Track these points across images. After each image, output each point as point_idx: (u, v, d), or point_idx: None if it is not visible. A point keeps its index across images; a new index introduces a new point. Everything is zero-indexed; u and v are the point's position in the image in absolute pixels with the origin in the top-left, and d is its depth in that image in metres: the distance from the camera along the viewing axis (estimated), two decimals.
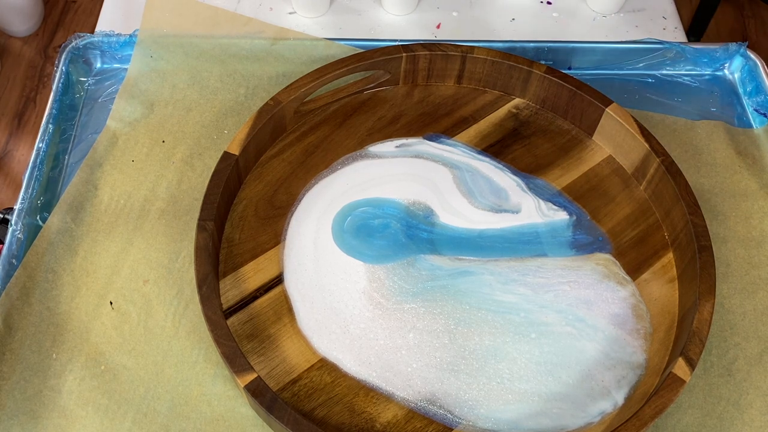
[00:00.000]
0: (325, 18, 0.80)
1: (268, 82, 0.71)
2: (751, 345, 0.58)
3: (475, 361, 0.55)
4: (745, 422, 0.55)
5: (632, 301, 0.58)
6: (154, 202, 0.63)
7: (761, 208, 0.65)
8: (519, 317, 0.57)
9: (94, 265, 0.60)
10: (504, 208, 0.63)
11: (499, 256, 0.60)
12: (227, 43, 0.73)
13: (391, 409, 0.54)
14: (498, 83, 0.69)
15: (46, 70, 1.61)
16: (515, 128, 0.68)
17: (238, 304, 0.58)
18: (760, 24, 1.73)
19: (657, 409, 0.50)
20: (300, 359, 0.55)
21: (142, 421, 0.53)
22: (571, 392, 0.54)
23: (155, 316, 0.58)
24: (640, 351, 0.56)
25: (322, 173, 0.65)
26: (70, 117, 0.70)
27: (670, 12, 0.82)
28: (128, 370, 0.55)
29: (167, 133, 0.67)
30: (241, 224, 0.62)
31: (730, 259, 0.62)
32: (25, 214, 0.62)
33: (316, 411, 0.53)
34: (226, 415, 0.54)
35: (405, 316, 0.57)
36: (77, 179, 0.64)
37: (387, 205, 0.63)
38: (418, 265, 0.59)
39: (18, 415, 0.53)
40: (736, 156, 0.68)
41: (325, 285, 0.58)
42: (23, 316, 0.57)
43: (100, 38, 0.72)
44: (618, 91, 0.73)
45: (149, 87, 0.70)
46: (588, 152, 0.67)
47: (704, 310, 0.54)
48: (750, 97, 0.74)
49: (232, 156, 0.61)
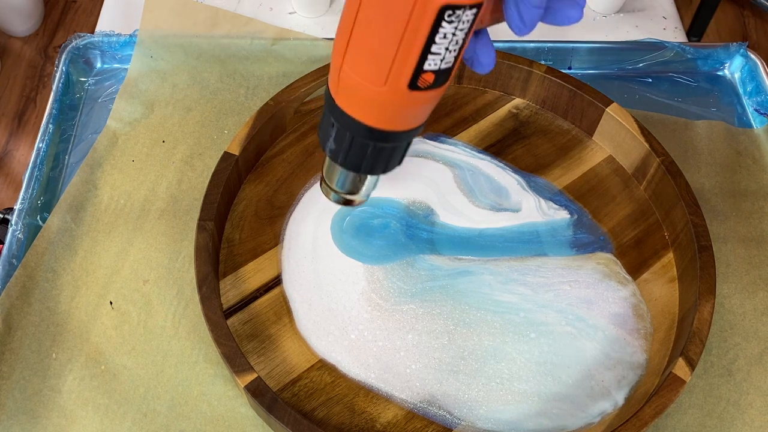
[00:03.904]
0: (325, 18, 0.80)
1: (268, 82, 0.71)
2: (751, 345, 0.58)
3: (475, 361, 0.55)
4: (746, 422, 0.55)
5: (633, 301, 0.58)
6: (154, 202, 0.63)
7: (761, 208, 0.65)
8: (519, 317, 0.57)
9: (94, 265, 0.60)
10: (504, 206, 0.63)
11: (499, 255, 0.60)
12: (227, 43, 0.73)
13: (392, 409, 0.53)
14: (498, 83, 0.69)
15: (46, 70, 1.62)
16: (515, 128, 0.68)
17: (238, 304, 0.58)
18: (760, 24, 1.73)
19: (657, 409, 0.50)
20: (300, 359, 0.55)
21: (142, 421, 0.53)
22: (571, 392, 0.54)
23: (155, 316, 0.58)
24: (640, 351, 0.56)
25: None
26: (70, 117, 0.70)
27: (670, 12, 0.82)
28: (128, 370, 0.55)
29: (167, 133, 0.67)
30: (241, 224, 0.62)
31: (731, 259, 0.62)
32: (25, 214, 0.62)
33: (316, 411, 0.53)
34: (226, 415, 0.54)
35: (404, 317, 0.57)
36: (77, 179, 0.64)
37: (386, 204, 0.63)
38: (418, 266, 0.59)
39: (18, 415, 0.53)
40: (736, 156, 0.68)
41: (324, 286, 0.58)
42: (23, 316, 0.57)
43: (100, 38, 0.72)
44: (618, 91, 0.73)
45: (149, 87, 0.70)
46: (588, 152, 0.67)
47: (704, 310, 0.54)
48: (750, 97, 0.74)
49: (232, 156, 0.60)
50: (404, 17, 0.35)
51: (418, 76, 0.37)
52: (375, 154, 0.42)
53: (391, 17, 0.35)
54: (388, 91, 0.38)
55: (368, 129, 0.41)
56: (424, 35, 0.35)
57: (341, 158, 0.43)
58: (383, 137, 0.41)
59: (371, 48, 0.37)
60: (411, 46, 0.36)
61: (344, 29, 0.38)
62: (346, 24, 0.37)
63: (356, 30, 0.37)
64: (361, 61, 0.38)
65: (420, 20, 0.35)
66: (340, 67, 0.39)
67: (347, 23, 0.37)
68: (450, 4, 0.34)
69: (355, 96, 0.39)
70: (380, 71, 0.37)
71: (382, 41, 0.36)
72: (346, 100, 0.40)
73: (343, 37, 0.38)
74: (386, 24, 0.36)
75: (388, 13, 0.35)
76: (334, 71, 0.40)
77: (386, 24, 0.36)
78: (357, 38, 0.37)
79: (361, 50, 0.37)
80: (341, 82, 0.39)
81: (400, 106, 0.39)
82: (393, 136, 0.41)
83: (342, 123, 0.41)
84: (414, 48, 0.36)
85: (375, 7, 0.36)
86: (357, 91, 0.39)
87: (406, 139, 0.42)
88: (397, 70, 0.37)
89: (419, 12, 0.34)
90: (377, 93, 0.38)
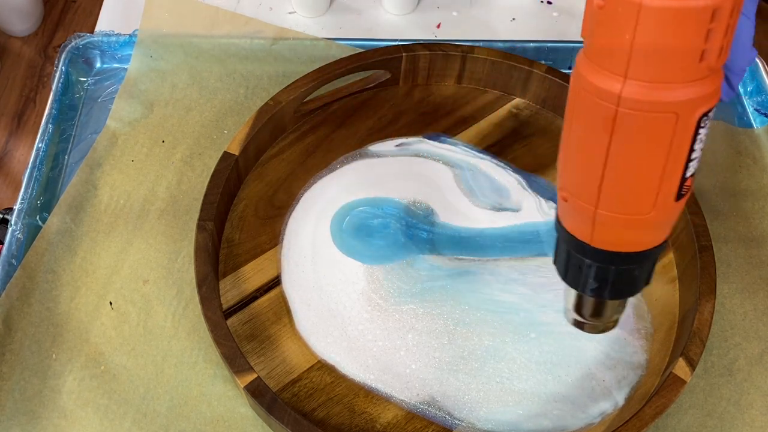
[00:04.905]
0: (325, 18, 0.80)
1: (268, 82, 0.71)
2: (751, 345, 0.58)
3: (475, 360, 0.55)
4: (746, 422, 0.55)
5: (633, 301, 0.58)
6: (153, 202, 0.63)
7: (761, 208, 0.65)
8: (519, 317, 0.57)
9: (94, 266, 0.60)
10: (505, 206, 0.63)
11: (499, 255, 0.60)
12: (227, 43, 0.72)
13: (392, 409, 0.53)
14: (498, 83, 0.69)
15: (46, 70, 1.61)
16: (515, 128, 0.68)
17: (238, 304, 0.58)
18: (760, 24, 1.73)
19: (657, 409, 0.50)
20: (300, 359, 0.55)
21: (141, 421, 0.53)
22: (572, 392, 0.54)
23: (155, 317, 0.57)
24: (641, 351, 0.56)
25: (321, 172, 0.64)
26: (69, 117, 0.69)
27: None
28: (128, 370, 0.55)
29: (167, 133, 0.67)
30: (240, 224, 0.61)
31: (731, 259, 0.62)
32: (25, 214, 0.62)
33: (316, 411, 0.53)
34: (226, 416, 0.54)
35: (404, 317, 0.57)
36: (77, 179, 0.64)
37: (386, 204, 0.62)
38: (417, 266, 0.59)
39: (18, 416, 0.53)
40: (737, 156, 0.68)
41: (323, 286, 0.58)
42: (23, 317, 0.57)
43: (99, 38, 0.72)
44: None
45: (149, 87, 0.70)
46: None
47: (705, 310, 0.54)
48: (750, 97, 0.73)
49: (232, 156, 0.60)
50: (667, 141, 0.33)
51: (682, 186, 0.36)
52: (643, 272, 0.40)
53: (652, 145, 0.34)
54: (657, 214, 0.36)
55: (636, 255, 0.38)
56: (687, 148, 0.34)
57: (608, 293, 0.40)
58: (651, 255, 0.39)
59: (634, 184, 0.35)
60: (676, 164, 0.34)
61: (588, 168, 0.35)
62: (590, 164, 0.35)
63: (610, 170, 0.35)
64: (623, 199, 0.36)
65: (683, 137, 0.34)
66: (594, 210, 0.36)
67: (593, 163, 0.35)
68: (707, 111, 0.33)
69: (616, 231, 0.37)
70: (647, 201, 0.35)
71: (646, 172, 0.34)
72: (604, 238, 0.38)
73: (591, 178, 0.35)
74: (648, 153, 0.34)
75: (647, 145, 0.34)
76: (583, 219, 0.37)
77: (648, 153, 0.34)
78: (613, 179, 0.35)
79: (620, 188, 0.35)
80: (597, 224, 0.37)
81: (667, 220, 0.38)
82: (658, 250, 0.39)
83: (601, 260, 0.39)
84: (679, 164, 0.35)
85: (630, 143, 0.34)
86: (619, 227, 0.37)
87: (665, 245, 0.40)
88: (665, 191, 0.35)
89: (681, 129, 0.33)
90: (644, 220, 0.36)
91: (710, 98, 0.33)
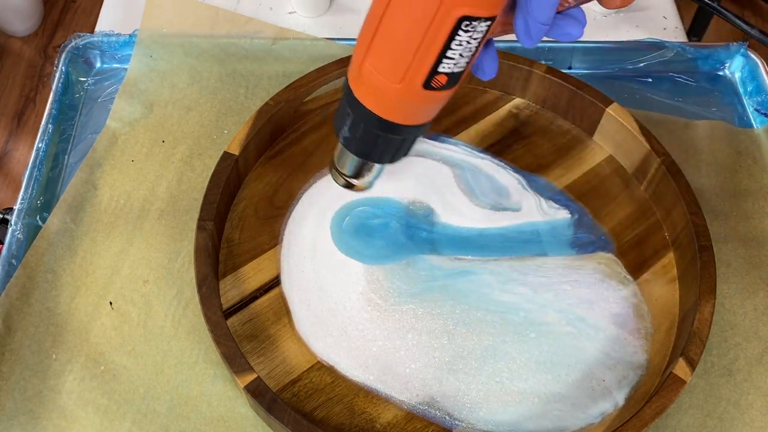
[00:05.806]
0: (325, 18, 0.80)
1: (268, 82, 0.71)
2: (751, 345, 0.58)
3: (474, 360, 0.55)
4: (746, 422, 0.55)
5: (633, 301, 0.58)
6: (153, 202, 0.63)
7: (761, 208, 0.65)
8: (519, 317, 0.57)
9: (94, 266, 0.60)
10: (505, 206, 0.63)
11: (499, 255, 0.60)
12: (227, 42, 0.72)
13: (392, 409, 0.53)
14: (498, 83, 0.69)
15: (46, 70, 1.62)
16: (515, 128, 0.68)
17: (238, 304, 0.58)
18: (760, 24, 1.73)
19: (657, 409, 0.50)
20: (300, 359, 0.55)
21: (141, 421, 0.53)
22: (572, 392, 0.54)
23: (155, 317, 0.57)
24: (641, 351, 0.56)
25: (321, 172, 0.64)
26: (69, 117, 0.69)
27: (670, 12, 0.82)
28: (128, 370, 0.55)
29: (167, 133, 0.67)
30: (240, 224, 0.61)
31: (731, 259, 0.62)
32: (25, 214, 0.62)
33: (316, 411, 0.53)
34: (226, 416, 0.54)
35: (404, 317, 0.57)
36: (77, 179, 0.64)
37: (386, 204, 0.62)
38: (417, 266, 0.59)
39: (18, 416, 0.53)
40: (737, 156, 0.68)
41: (323, 286, 0.58)
42: (23, 317, 0.57)
43: (99, 38, 0.72)
44: (618, 91, 0.73)
45: (149, 87, 0.70)
46: (588, 152, 0.67)
47: (705, 310, 0.54)
48: (750, 96, 0.73)
49: (232, 156, 0.60)
50: (426, 23, 0.38)
51: (432, 77, 0.40)
52: (384, 144, 0.46)
53: (414, 22, 0.38)
54: (404, 89, 0.41)
55: (381, 121, 0.44)
56: (441, 41, 0.38)
57: (353, 146, 0.47)
58: (394, 130, 0.44)
59: (393, 48, 0.40)
60: (429, 50, 0.39)
61: (369, 28, 0.40)
62: (371, 23, 0.40)
63: (380, 30, 0.40)
64: (382, 59, 0.41)
65: (440, 27, 0.38)
66: (361, 62, 0.41)
67: (373, 22, 0.40)
68: (468, 16, 0.37)
69: (372, 90, 0.42)
70: (398, 70, 0.40)
71: (403, 43, 0.39)
72: (364, 92, 0.43)
73: (368, 35, 0.40)
74: (409, 28, 0.38)
75: (411, 18, 0.38)
76: (355, 64, 0.42)
77: (409, 28, 0.38)
78: (380, 38, 0.40)
79: (383, 49, 0.40)
80: (362, 76, 0.42)
81: (413, 102, 0.42)
82: (403, 130, 0.44)
83: (357, 113, 0.44)
84: (431, 52, 0.39)
85: (400, 11, 0.39)
86: (375, 86, 0.42)
87: (415, 133, 0.45)
88: (414, 70, 0.40)
89: (440, 20, 0.37)
90: (394, 89, 0.41)
91: (476, 5, 0.37)
